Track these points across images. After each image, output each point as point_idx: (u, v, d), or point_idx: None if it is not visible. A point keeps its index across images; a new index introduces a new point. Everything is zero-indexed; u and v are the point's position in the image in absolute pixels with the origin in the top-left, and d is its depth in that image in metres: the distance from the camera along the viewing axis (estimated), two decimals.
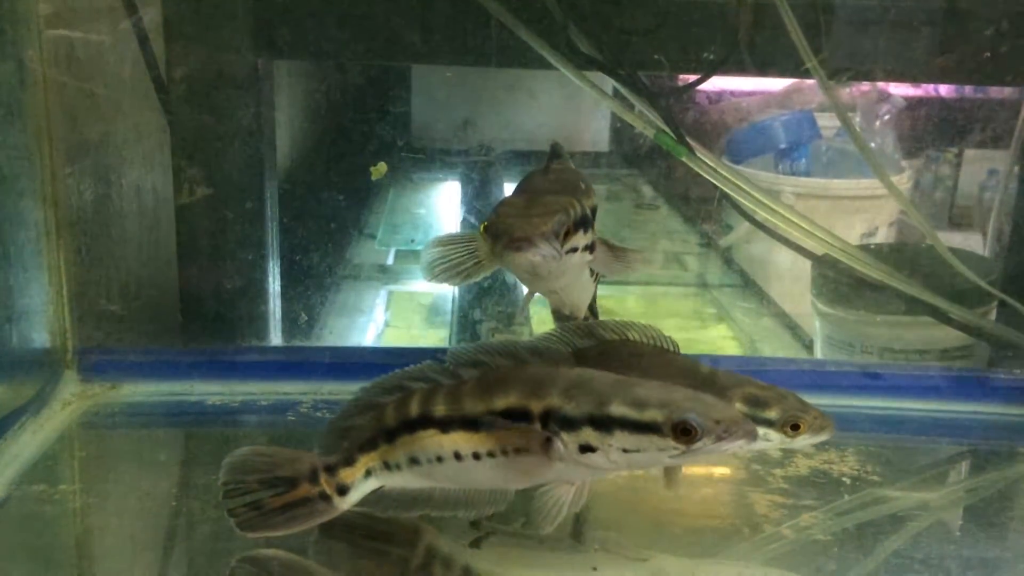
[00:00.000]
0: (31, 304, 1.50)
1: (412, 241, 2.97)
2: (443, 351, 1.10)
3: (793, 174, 3.31)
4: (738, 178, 1.76)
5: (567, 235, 1.12)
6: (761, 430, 1.12)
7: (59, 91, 1.56)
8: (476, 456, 1.03)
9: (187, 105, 1.70)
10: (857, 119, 3.57)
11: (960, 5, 1.70)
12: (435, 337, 2.67)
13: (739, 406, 1.12)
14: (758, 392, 1.15)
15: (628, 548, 1.20)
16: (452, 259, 1.21)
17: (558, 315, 1.43)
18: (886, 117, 3.63)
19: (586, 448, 0.99)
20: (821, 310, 2.10)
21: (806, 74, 1.66)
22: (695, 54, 1.71)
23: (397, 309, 2.92)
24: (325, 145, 2.92)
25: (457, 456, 1.04)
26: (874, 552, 1.25)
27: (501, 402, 1.02)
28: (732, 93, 3.31)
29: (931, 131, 3.72)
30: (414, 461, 1.06)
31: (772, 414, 1.13)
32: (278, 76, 2.24)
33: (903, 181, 3.44)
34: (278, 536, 1.09)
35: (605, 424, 0.98)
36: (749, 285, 3.11)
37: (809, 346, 2.46)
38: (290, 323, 1.92)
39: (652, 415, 0.97)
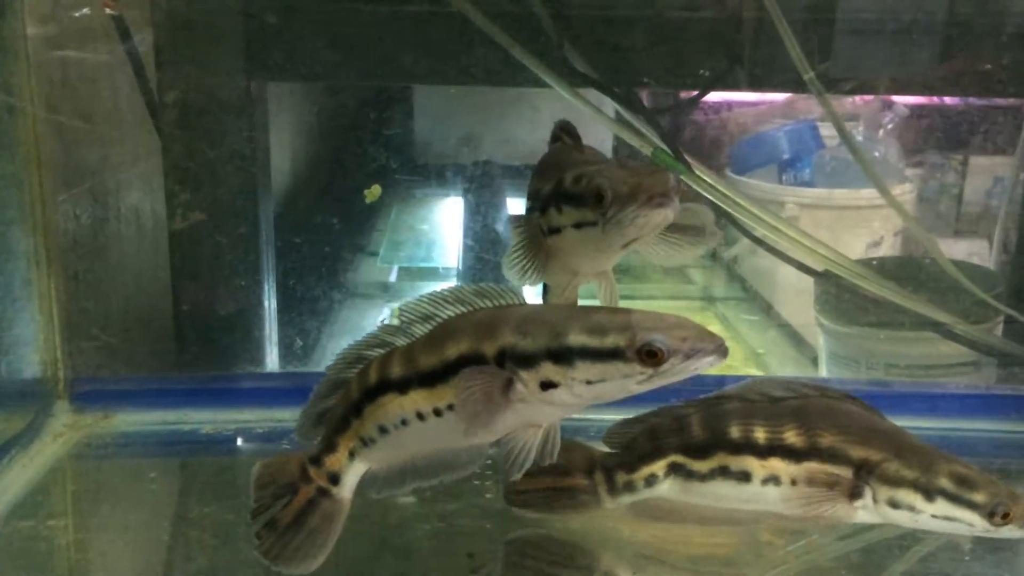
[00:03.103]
0: (21, 335, 1.49)
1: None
2: None
3: (797, 184, 3.29)
4: (737, 194, 1.74)
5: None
6: (965, 514, 1.07)
7: (51, 118, 1.55)
8: (437, 413, 0.97)
9: (179, 130, 1.69)
10: (861, 128, 3.55)
11: (960, 18, 1.69)
12: None
13: (945, 483, 1.07)
14: (966, 472, 1.08)
15: None
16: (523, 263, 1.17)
17: None
18: (890, 126, 3.61)
19: (548, 385, 0.93)
20: (825, 326, 2.08)
21: (805, 88, 1.64)
22: (692, 70, 1.69)
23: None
24: (327, 162, 2.92)
25: (420, 416, 0.99)
26: None
27: (453, 351, 0.95)
28: (731, 105, 3.29)
29: (935, 139, 3.70)
30: (383, 430, 1.02)
31: (979, 497, 1.06)
32: (280, 93, 2.24)
33: (907, 191, 3.42)
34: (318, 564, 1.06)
35: (564, 356, 0.92)
36: (754, 298, 3.09)
37: (814, 359, 2.43)
38: (287, 348, 1.90)
39: (614, 340, 0.90)
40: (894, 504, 1.08)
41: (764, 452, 1.09)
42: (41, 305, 1.52)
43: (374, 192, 1.91)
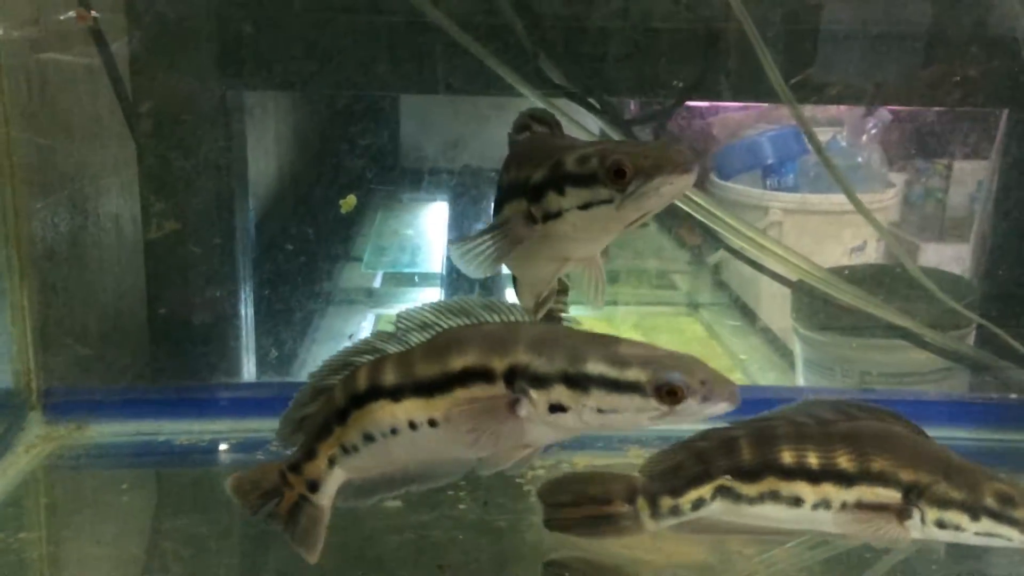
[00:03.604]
0: None
1: None
2: None
3: (781, 190, 3.30)
4: (712, 204, 1.74)
5: None
6: (1006, 530, 1.10)
7: (27, 125, 1.55)
8: (432, 423, 0.95)
9: (153, 139, 1.69)
10: (844, 134, 3.58)
11: (933, 28, 1.70)
12: None
13: (989, 502, 1.09)
14: (1009, 490, 1.11)
15: None
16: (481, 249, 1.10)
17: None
18: (873, 131, 3.63)
19: (557, 408, 0.92)
20: (801, 333, 2.09)
21: (779, 99, 1.65)
22: (666, 81, 1.69)
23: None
24: (311, 166, 2.92)
25: (412, 425, 0.96)
26: None
27: (458, 362, 0.94)
28: (716, 110, 3.31)
29: (919, 144, 3.73)
30: (368, 438, 0.99)
31: (1021, 514, 1.10)
32: (264, 96, 2.23)
33: (891, 196, 3.44)
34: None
35: (581, 382, 0.91)
36: (736, 303, 3.10)
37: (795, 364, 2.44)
38: (263, 358, 1.90)
39: (634, 374, 0.90)
40: (941, 524, 1.10)
41: (816, 477, 1.10)
42: (14, 315, 1.51)
43: (349, 202, 1.91)
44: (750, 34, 1.57)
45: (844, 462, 1.10)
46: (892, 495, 1.10)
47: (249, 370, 1.85)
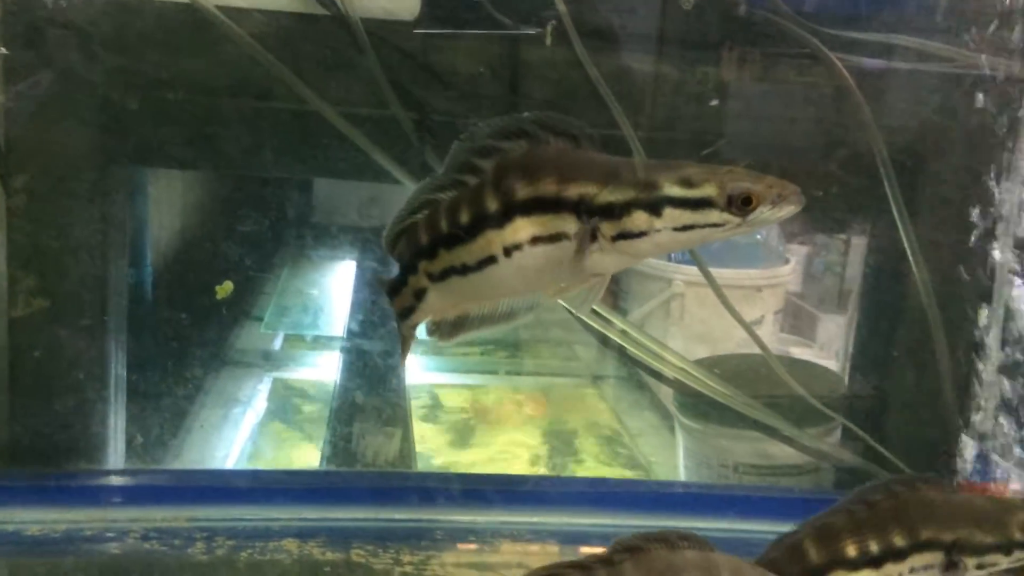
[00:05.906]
0: None
1: None
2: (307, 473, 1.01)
3: (683, 263, 3.38)
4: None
5: None
6: None
7: None
8: None
9: (23, 220, 1.65)
10: None
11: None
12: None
13: (1018, 535, 1.19)
14: None
15: None
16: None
17: None
18: None
19: None
20: (680, 421, 2.14)
21: None
22: None
23: (276, 399, 2.85)
24: (216, 221, 2.86)
25: None
26: None
27: None
28: None
29: (816, 220, 3.88)
30: None
31: None
32: None
33: (788, 272, 3.57)
34: None
35: None
36: (635, 378, 3.15)
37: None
38: (130, 443, 1.84)
39: None
40: (981, 567, 1.21)
41: (878, 561, 1.18)
42: None
43: (225, 288, 1.88)
44: (630, 141, 1.62)
45: (898, 540, 1.19)
46: (937, 556, 1.20)
47: (117, 454, 1.79)
